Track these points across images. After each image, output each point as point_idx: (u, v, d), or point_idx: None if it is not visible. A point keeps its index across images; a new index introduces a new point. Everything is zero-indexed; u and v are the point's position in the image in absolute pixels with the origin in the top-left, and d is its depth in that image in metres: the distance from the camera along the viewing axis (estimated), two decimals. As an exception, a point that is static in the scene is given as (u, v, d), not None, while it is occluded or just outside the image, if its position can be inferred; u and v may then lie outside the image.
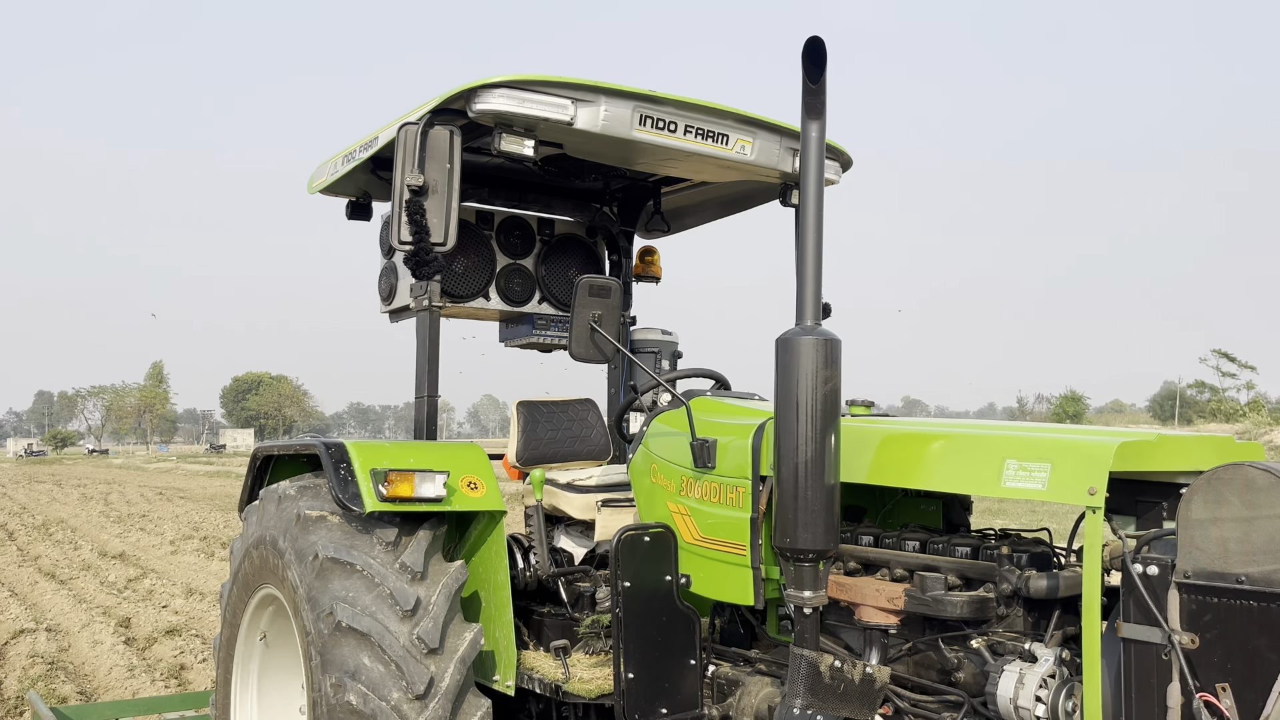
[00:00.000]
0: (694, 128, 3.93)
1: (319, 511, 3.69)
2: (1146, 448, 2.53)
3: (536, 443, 4.71)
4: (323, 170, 4.60)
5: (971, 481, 2.76)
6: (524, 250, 5.09)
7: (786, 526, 2.75)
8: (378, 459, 3.64)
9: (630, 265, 5.32)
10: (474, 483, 3.74)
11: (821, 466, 2.70)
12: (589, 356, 3.61)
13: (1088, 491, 2.39)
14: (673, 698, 3.37)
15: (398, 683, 3.33)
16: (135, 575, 12.91)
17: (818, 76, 2.72)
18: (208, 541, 16.85)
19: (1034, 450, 2.59)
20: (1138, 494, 2.72)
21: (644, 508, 3.80)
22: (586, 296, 3.56)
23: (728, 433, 3.43)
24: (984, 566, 2.78)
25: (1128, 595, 2.33)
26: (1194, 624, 2.23)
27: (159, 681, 7.41)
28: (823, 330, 2.76)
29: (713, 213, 5.28)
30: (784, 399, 2.74)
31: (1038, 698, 2.47)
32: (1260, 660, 2.13)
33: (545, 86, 3.65)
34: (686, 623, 3.40)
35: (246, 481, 4.48)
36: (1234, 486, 2.19)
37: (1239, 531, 2.18)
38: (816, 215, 2.81)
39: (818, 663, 2.74)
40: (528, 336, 5.15)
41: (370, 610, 3.42)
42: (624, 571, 3.30)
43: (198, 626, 9.42)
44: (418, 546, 3.58)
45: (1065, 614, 2.65)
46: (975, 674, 2.76)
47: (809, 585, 2.78)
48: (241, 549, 4.15)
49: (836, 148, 4.40)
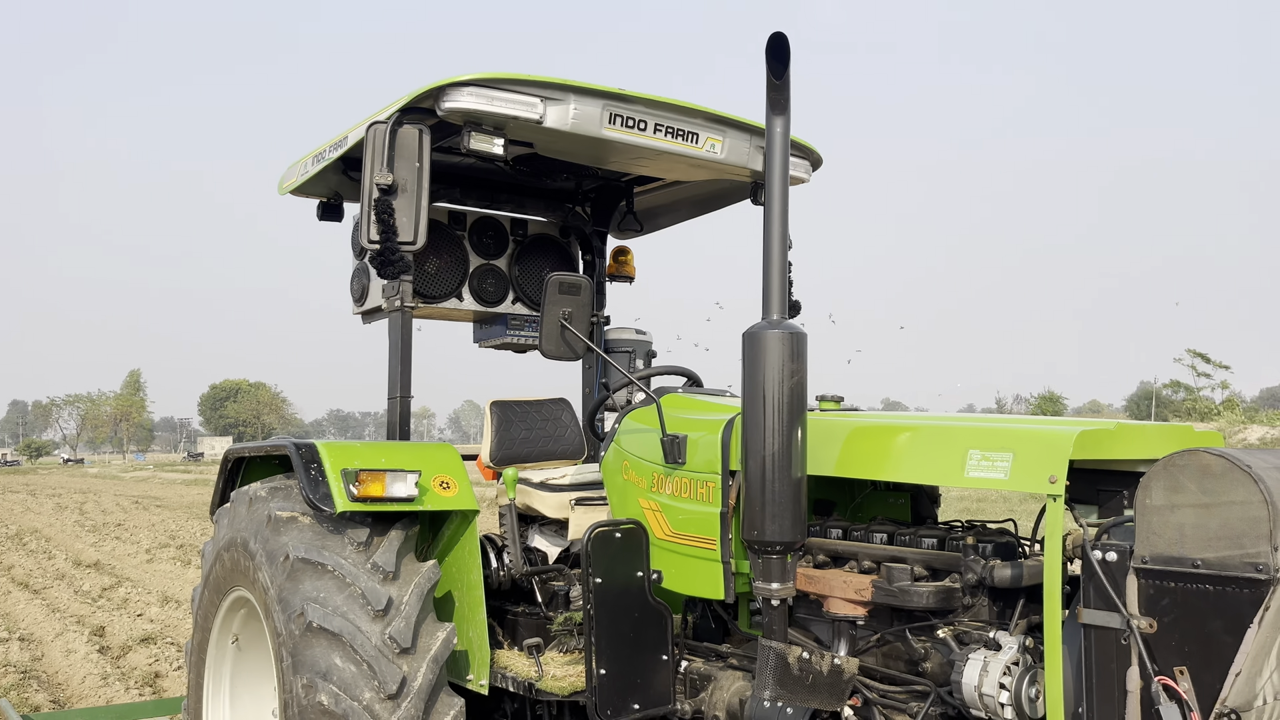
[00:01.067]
0: (664, 126, 3.95)
1: (290, 512, 3.67)
2: (1106, 436, 2.57)
3: (510, 442, 4.71)
4: (293, 171, 4.59)
5: (936, 472, 2.79)
6: (497, 250, 5.09)
7: (754, 519, 2.77)
8: (348, 459, 3.63)
9: (604, 265, 5.34)
10: (446, 482, 3.74)
11: (788, 459, 2.72)
12: (560, 354, 3.62)
13: (1048, 480, 2.42)
14: (645, 693, 3.38)
15: (370, 683, 3.32)
16: (110, 584, 12.78)
17: (781, 72, 2.75)
18: (184, 550, 16.70)
19: (996, 440, 2.62)
20: (1099, 484, 2.75)
21: (616, 505, 3.81)
22: (556, 294, 3.57)
23: (698, 428, 3.44)
24: (950, 557, 2.81)
25: (1088, 582, 2.36)
26: (1152, 609, 2.26)
27: (133, 690, 7.34)
28: (789, 324, 2.79)
29: (685, 212, 5.30)
30: (751, 393, 2.76)
31: (1001, 685, 2.50)
32: (1217, 643, 2.16)
33: (514, 85, 3.66)
34: (658, 618, 3.41)
35: (218, 484, 4.46)
36: (1190, 473, 2.23)
37: (1195, 517, 2.22)
38: (782, 210, 2.83)
39: (786, 654, 2.75)
40: (501, 337, 5.15)
41: (342, 610, 3.41)
42: (596, 568, 3.31)
43: (173, 635, 9.33)
44: (389, 546, 3.57)
45: (1029, 603, 2.68)
46: (942, 663, 2.79)
47: (777, 577, 2.80)
48: (213, 552, 4.13)
49: (806, 146, 4.43)
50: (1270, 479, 2.15)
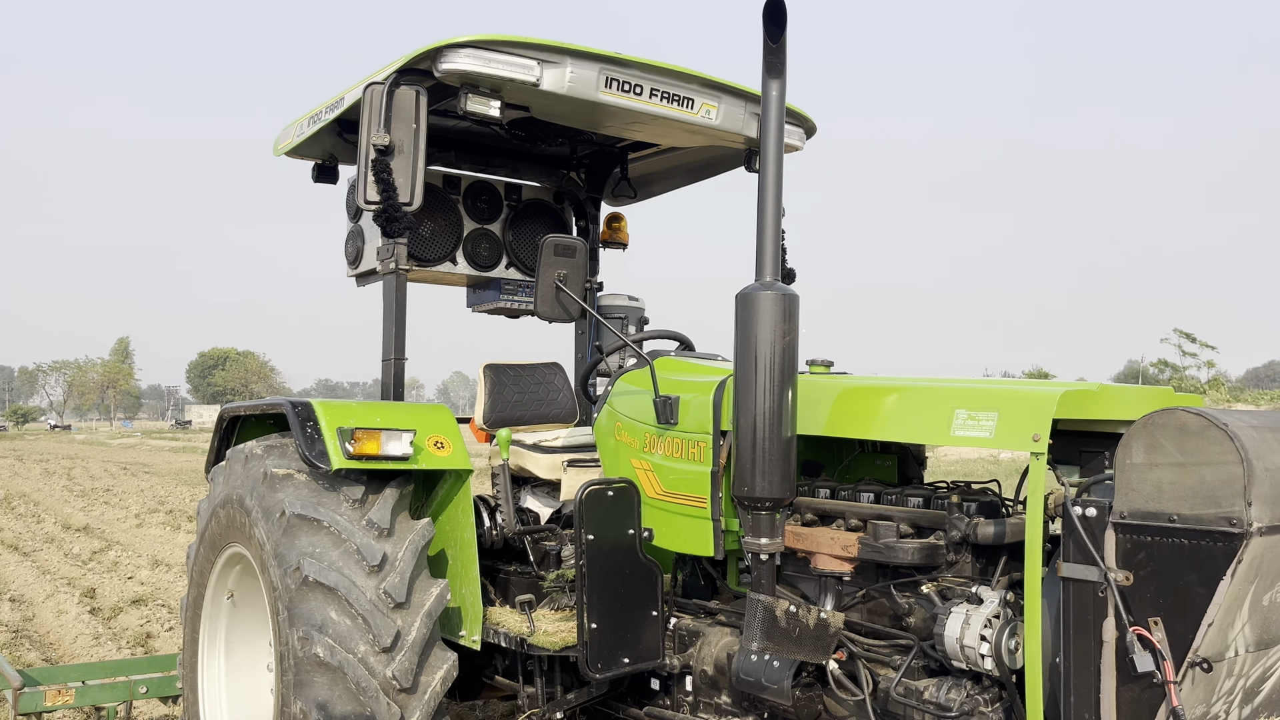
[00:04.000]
0: (659, 91, 3.97)
1: (286, 470, 3.72)
2: (1088, 397, 2.63)
3: (504, 405, 4.75)
4: (288, 132, 4.59)
5: (923, 431, 2.85)
6: (491, 215, 5.11)
7: (745, 476, 2.83)
8: (344, 418, 3.67)
9: (597, 231, 5.37)
10: (440, 442, 3.79)
11: (779, 418, 2.78)
12: (554, 316, 3.66)
13: (1032, 438, 2.48)
14: (635, 648, 3.45)
15: (364, 636, 3.38)
16: (100, 547, 12.82)
17: (778, 36, 2.79)
18: (173, 515, 16.73)
19: (982, 400, 2.68)
20: (1082, 445, 2.82)
21: (609, 465, 3.86)
22: (552, 256, 3.60)
23: (690, 390, 3.50)
24: (935, 515, 2.88)
25: (1068, 536, 2.43)
26: (1129, 562, 2.33)
27: (124, 649, 7.40)
28: (781, 286, 2.84)
29: (680, 179, 5.32)
30: (743, 352, 2.81)
31: (982, 637, 2.58)
32: (1190, 595, 2.23)
33: (511, 47, 3.67)
34: (649, 575, 3.48)
35: (213, 443, 4.49)
36: (1168, 431, 2.29)
37: (1173, 474, 2.28)
38: (776, 173, 2.88)
39: (773, 607, 2.82)
40: (495, 301, 5.18)
41: (337, 565, 3.46)
42: (588, 525, 3.37)
43: (164, 597, 9.39)
44: (384, 504, 3.63)
45: (1011, 560, 2.75)
46: (925, 618, 2.86)
47: (765, 533, 2.87)
48: (209, 509, 4.17)
49: (800, 113, 4.46)
50: (1246, 437, 2.21)
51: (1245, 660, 2.37)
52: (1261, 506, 2.18)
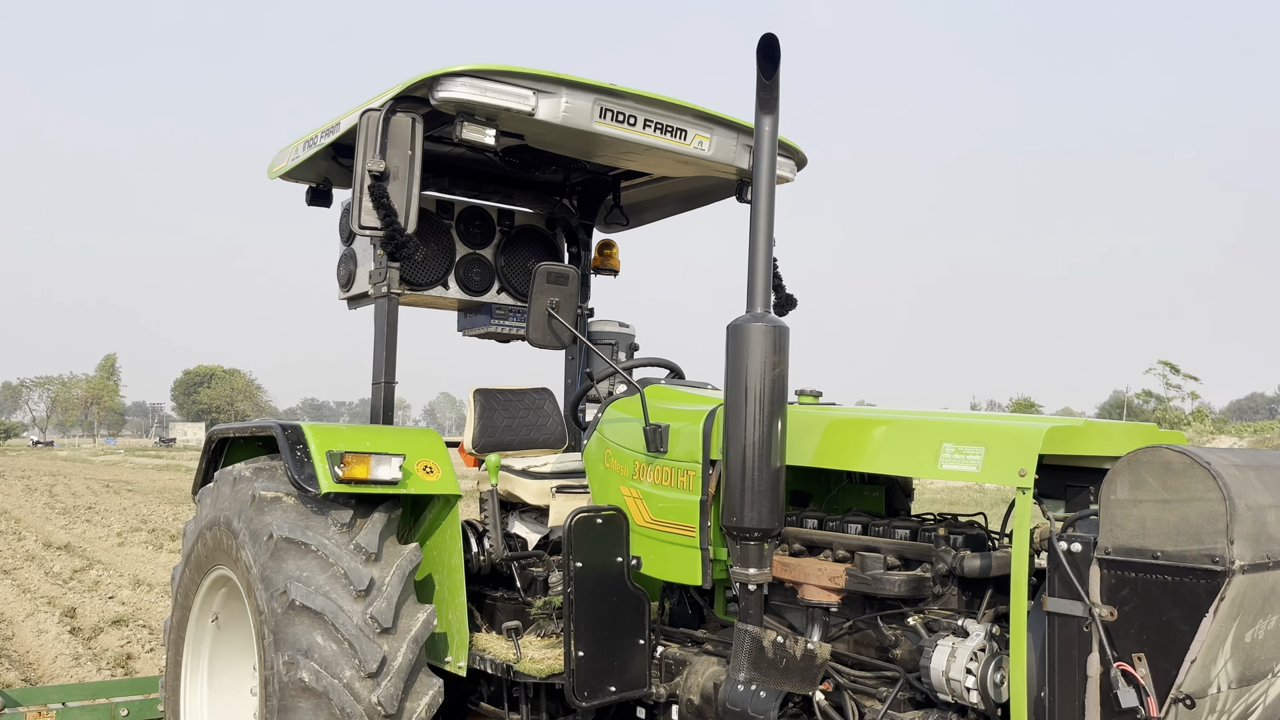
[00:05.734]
0: (653, 122, 4.02)
1: (274, 492, 3.71)
2: (1074, 433, 2.66)
3: (493, 430, 4.76)
4: (283, 155, 4.62)
5: (911, 464, 2.87)
6: (484, 240, 5.14)
7: (733, 506, 2.85)
8: (334, 441, 3.67)
9: (589, 258, 5.40)
10: (429, 466, 3.79)
11: (768, 448, 2.80)
12: (546, 342, 3.68)
13: (1018, 473, 2.51)
14: (621, 676, 3.45)
15: (350, 661, 3.37)
16: (81, 566, 12.70)
17: (771, 72, 2.83)
18: (156, 534, 16.59)
19: (969, 434, 2.71)
20: (1068, 479, 2.85)
21: (598, 492, 3.87)
22: (544, 283, 3.63)
23: (680, 418, 3.51)
24: (922, 547, 2.90)
25: (1053, 571, 2.46)
26: (1113, 598, 2.35)
27: (105, 670, 7.33)
28: (772, 318, 2.87)
29: (671, 208, 5.37)
30: (734, 383, 2.84)
31: (968, 670, 2.59)
32: (1174, 631, 2.25)
33: (507, 77, 3.71)
34: (636, 603, 3.48)
35: (201, 464, 4.48)
36: (1153, 468, 2.32)
37: (1156, 511, 2.31)
38: (768, 207, 2.91)
39: (761, 638, 2.83)
40: (486, 326, 5.20)
41: (324, 589, 3.45)
42: (576, 552, 3.37)
43: (145, 617, 9.31)
44: (372, 528, 3.62)
45: (997, 593, 2.77)
46: (911, 650, 2.87)
47: (754, 563, 2.88)
48: (195, 531, 4.16)
49: (792, 146, 4.51)
50: (1228, 475, 2.24)
51: (1228, 697, 2.39)
52: (1244, 544, 2.21)
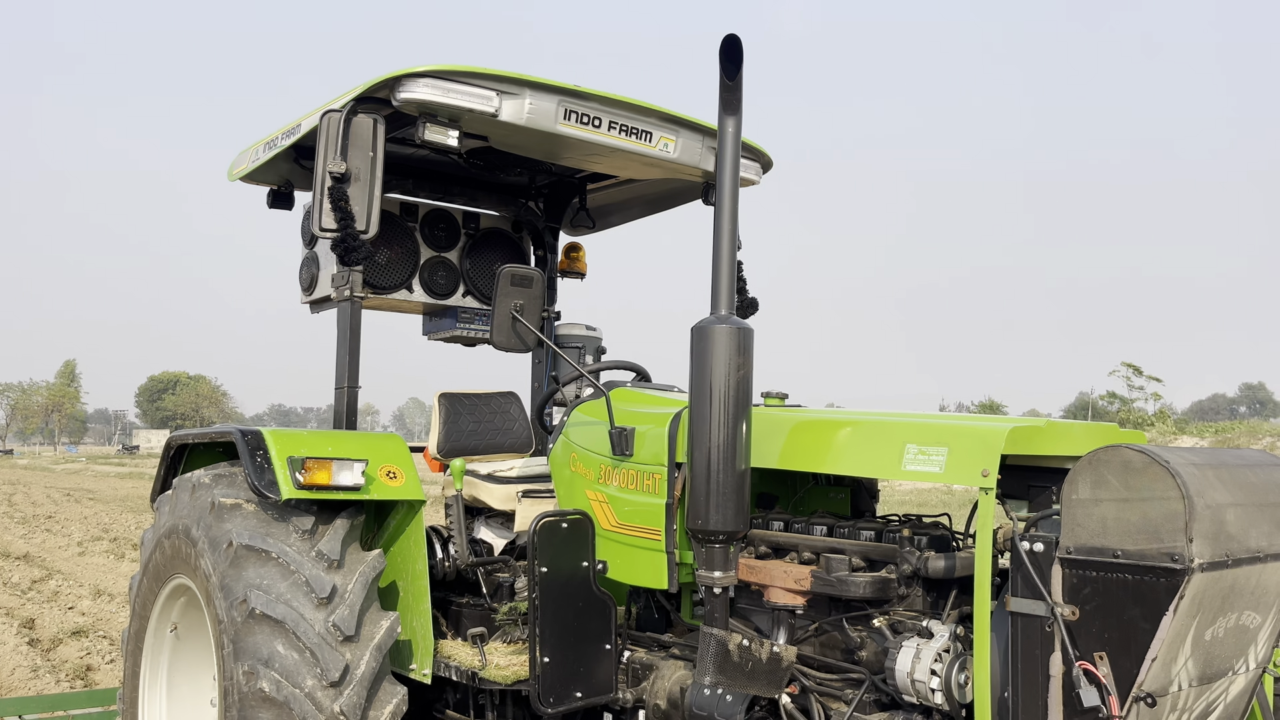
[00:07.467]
0: (618, 124, 4.00)
1: (234, 499, 3.65)
2: (1036, 433, 2.67)
3: (458, 434, 4.72)
4: (243, 157, 4.55)
5: (875, 465, 2.87)
6: (449, 243, 5.09)
7: (699, 509, 2.84)
8: (295, 447, 3.62)
9: (555, 261, 5.37)
10: (393, 472, 3.75)
11: (733, 451, 2.79)
12: (511, 346, 3.65)
13: (981, 473, 2.52)
14: (588, 682, 3.42)
15: (312, 670, 3.32)
16: (40, 576, 12.47)
17: (734, 74, 2.83)
18: (118, 543, 16.33)
19: (932, 435, 2.71)
20: (1030, 480, 2.86)
21: (563, 497, 3.84)
22: (508, 286, 3.60)
23: (645, 421, 3.50)
24: (886, 549, 2.90)
25: (1016, 571, 2.46)
26: (1075, 597, 2.36)
27: (64, 682, 7.20)
28: (736, 320, 2.86)
29: (637, 210, 5.35)
30: (698, 385, 2.82)
31: (933, 671, 2.59)
32: (1135, 630, 2.27)
33: (470, 78, 3.68)
34: (603, 608, 3.46)
35: (160, 471, 4.40)
36: (1113, 468, 2.33)
37: (1117, 510, 2.32)
38: (732, 208, 2.91)
39: (727, 641, 2.82)
40: (451, 329, 5.16)
41: (285, 598, 3.40)
42: (542, 557, 3.34)
43: (105, 628, 9.15)
44: (335, 535, 3.57)
45: (961, 593, 2.77)
46: (877, 652, 2.87)
47: (719, 566, 2.87)
48: (153, 539, 4.08)
49: (756, 148, 4.52)
50: (1188, 474, 2.26)
51: (1189, 695, 2.41)
52: (1203, 543, 2.23)
